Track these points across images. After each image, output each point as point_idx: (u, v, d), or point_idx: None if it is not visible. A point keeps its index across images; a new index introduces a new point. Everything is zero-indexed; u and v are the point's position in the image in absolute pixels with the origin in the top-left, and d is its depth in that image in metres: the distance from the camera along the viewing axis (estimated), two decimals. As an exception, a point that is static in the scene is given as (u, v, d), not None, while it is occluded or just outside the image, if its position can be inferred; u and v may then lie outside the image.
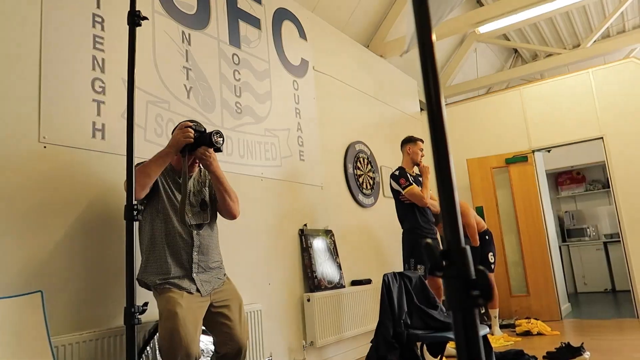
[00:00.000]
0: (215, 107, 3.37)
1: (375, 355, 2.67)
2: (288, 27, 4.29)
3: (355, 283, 4.27)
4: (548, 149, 6.02)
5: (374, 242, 4.83)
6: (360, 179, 4.84)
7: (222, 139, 2.23)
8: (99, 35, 2.68)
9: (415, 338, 2.50)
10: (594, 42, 6.82)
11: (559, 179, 9.19)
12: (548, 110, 5.81)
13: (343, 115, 4.80)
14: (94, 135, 2.55)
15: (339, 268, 4.11)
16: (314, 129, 4.33)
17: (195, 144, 2.23)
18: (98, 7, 2.70)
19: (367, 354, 2.88)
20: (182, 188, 2.18)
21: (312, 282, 3.76)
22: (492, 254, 4.80)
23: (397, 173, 4.01)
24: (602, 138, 5.44)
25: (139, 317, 1.51)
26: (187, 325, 2.01)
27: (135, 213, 1.60)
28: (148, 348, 2.41)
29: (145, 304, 1.54)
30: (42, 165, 2.28)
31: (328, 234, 4.15)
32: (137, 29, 1.79)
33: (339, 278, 4.06)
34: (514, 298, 5.65)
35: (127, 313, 1.49)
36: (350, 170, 4.71)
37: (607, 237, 8.30)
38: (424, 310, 2.73)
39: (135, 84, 2.82)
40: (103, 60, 2.68)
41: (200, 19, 3.40)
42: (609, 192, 5.46)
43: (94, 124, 2.56)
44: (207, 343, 2.46)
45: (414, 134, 4.49)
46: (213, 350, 2.33)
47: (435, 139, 0.52)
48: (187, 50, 3.25)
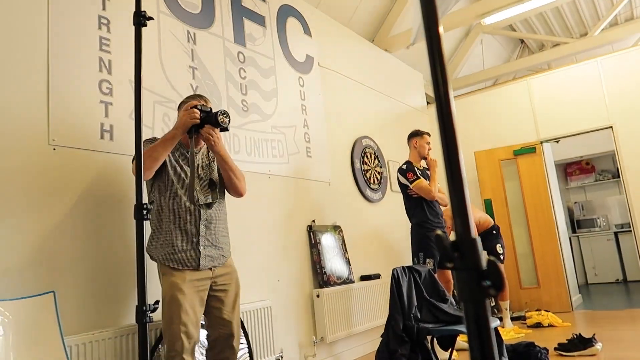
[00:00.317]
0: (222, 105, 3.38)
1: (386, 350, 2.68)
2: (292, 23, 4.29)
3: (365, 278, 4.28)
4: (557, 140, 5.98)
5: (383, 236, 4.84)
6: (368, 174, 4.84)
7: (228, 119, 2.22)
8: (105, 37, 2.69)
9: (426, 332, 2.50)
10: (602, 30, 6.74)
11: (568, 170, 9.13)
12: (556, 101, 5.77)
13: (349, 111, 4.79)
14: (102, 137, 2.57)
15: (348, 263, 4.11)
16: (321, 125, 4.33)
17: (201, 123, 2.23)
18: (104, 9, 2.71)
19: (377, 349, 2.89)
20: (190, 168, 2.21)
21: (321, 277, 3.77)
22: (500, 246, 4.80)
23: (404, 167, 4.00)
24: (611, 127, 5.39)
25: (151, 315, 1.52)
26: (187, 312, 2.08)
27: (145, 212, 1.61)
28: (160, 346, 2.43)
29: (157, 302, 1.56)
30: (52, 167, 2.30)
31: (336, 230, 4.15)
32: (144, 30, 1.80)
33: (348, 273, 4.07)
34: (524, 290, 5.63)
35: (138, 311, 1.51)
36: (358, 166, 4.71)
37: (617, 227, 8.23)
38: (434, 304, 2.73)
39: (143, 85, 2.85)
40: (110, 62, 2.70)
41: (205, 18, 3.41)
42: (619, 181, 5.41)
43: (102, 125, 2.58)
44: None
45: (421, 128, 4.48)
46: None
47: (445, 132, 0.52)
48: (192, 50, 3.26)
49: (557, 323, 4.63)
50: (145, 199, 1.86)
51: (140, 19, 1.75)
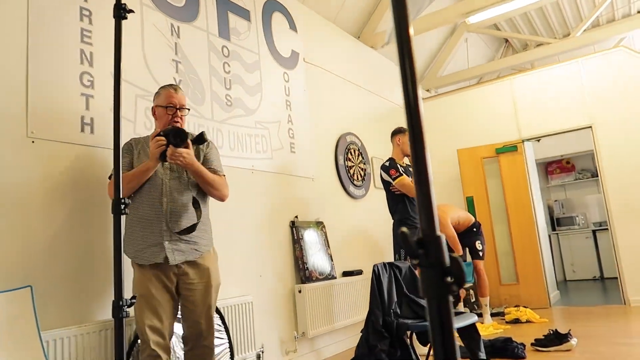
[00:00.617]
0: (205, 99, 3.37)
1: (366, 345, 2.70)
2: (278, 18, 4.27)
3: (347, 274, 4.31)
4: (538, 139, 6.07)
5: (365, 233, 4.87)
6: (351, 171, 4.86)
7: (179, 139, 2.16)
8: (87, 29, 2.66)
9: (405, 327, 2.53)
10: (584, 31, 6.85)
11: (549, 168, 9.27)
12: (538, 100, 5.85)
13: (334, 107, 4.80)
14: (83, 130, 2.54)
15: (330, 259, 4.13)
16: (305, 121, 4.33)
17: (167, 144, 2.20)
18: (86, 0, 2.67)
19: (357, 344, 2.92)
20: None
21: (303, 273, 3.78)
22: (479, 242, 4.87)
23: (387, 164, 4.03)
24: (591, 127, 5.49)
25: (127, 310, 1.52)
26: (150, 307, 2.12)
27: (123, 207, 1.60)
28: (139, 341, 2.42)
29: (133, 297, 1.56)
30: (30, 160, 2.27)
31: (319, 226, 4.17)
32: (126, 22, 1.78)
33: (330, 269, 4.09)
34: (504, 287, 5.71)
35: (115, 306, 1.50)
36: (341, 162, 4.73)
37: (595, 225, 8.39)
38: (414, 300, 2.76)
39: (124, 78, 2.83)
40: (91, 54, 2.66)
41: (189, 12, 3.38)
42: (598, 180, 5.51)
43: (83, 118, 2.56)
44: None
45: (404, 125, 4.50)
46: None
47: (413, 132, 0.53)
48: (176, 43, 3.23)
49: (534, 319, 4.71)
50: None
51: (121, 12, 1.73)
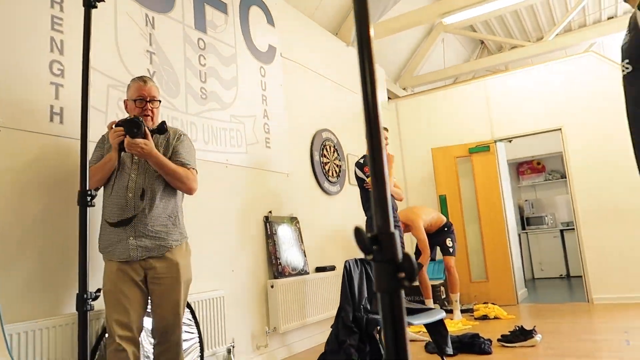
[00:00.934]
0: (180, 92, 3.33)
1: (335, 340, 2.73)
2: (255, 12, 4.25)
3: (320, 270, 4.33)
4: (510, 139, 6.19)
5: (340, 229, 4.90)
6: (327, 167, 4.87)
7: (135, 129, 2.13)
8: (58, 16, 2.60)
9: (375, 323, 2.56)
10: (556, 35, 7.01)
11: (520, 169, 9.47)
12: (511, 101, 5.96)
13: (310, 103, 4.81)
14: (52, 119, 2.49)
15: (304, 255, 4.15)
16: (281, 116, 4.33)
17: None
18: (56, -14, 2.61)
19: (327, 339, 2.94)
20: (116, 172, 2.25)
21: (276, 268, 3.79)
22: (450, 240, 4.98)
23: (361, 161, 4.06)
24: (560, 129, 5.63)
25: (92, 303, 1.50)
26: (117, 301, 2.12)
27: (89, 199, 1.58)
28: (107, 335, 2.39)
29: (98, 291, 1.54)
30: (-4, 149, 2.21)
31: (293, 221, 4.18)
32: (99, 11, 1.76)
33: (303, 265, 4.10)
34: (474, 284, 5.83)
35: (79, 299, 1.48)
36: (317, 158, 4.74)
37: (563, 225, 8.62)
38: (384, 296, 2.80)
39: (96, 67, 2.78)
40: (62, 42, 2.61)
41: (165, 2, 3.34)
42: (567, 181, 5.66)
43: (52, 108, 2.50)
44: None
45: (382, 122, 4.54)
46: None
47: (370, 132, 0.55)
48: (150, 34, 3.19)
49: (502, 315, 4.83)
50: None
51: (90, 0, 1.70)
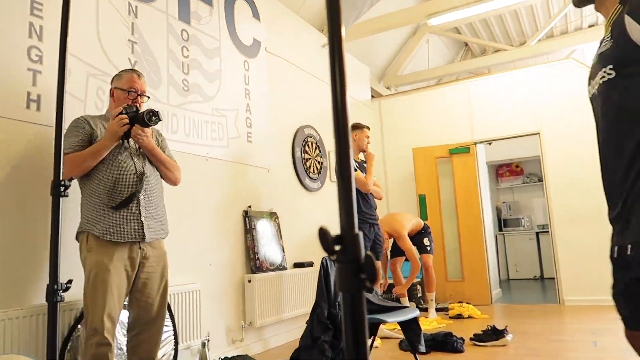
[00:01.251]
0: (162, 83, 3.30)
1: (310, 336, 2.75)
2: (241, 5, 4.22)
3: (298, 265, 4.34)
4: (489, 142, 6.28)
5: (319, 225, 4.89)
6: (308, 163, 4.88)
7: (155, 117, 2.21)
8: (38, 1, 2.56)
9: (350, 319, 2.59)
10: (539, 40, 7.12)
11: (499, 171, 9.61)
12: (492, 104, 6.04)
13: (293, 99, 4.80)
14: (29, 106, 2.45)
15: (282, 250, 4.16)
16: (264, 111, 4.32)
17: (130, 125, 2.22)
18: (36, -30, 2.56)
19: (302, 335, 2.96)
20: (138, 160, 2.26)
21: (253, 263, 3.79)
22: (427, 239, 5.05)
23: (343, 159, 4.07)
24: (539, 134, 5.73)
25: (62, 294, 1.49)
26: (113, 293, 2.06)
27: (63, 189, 1.56)
28: (79, 326, 2.37)
29: (70, 282, 1.53)
30: (-31, 135, 2.17)
31: (272, 217, 4.18)
32: (77, -2, 1.72)
33: (282, 260, 4.11)
34: (450, 283, 5.91)
35: (49, 290, 1.47)
36: (298, 154, 4.74)
37: (539, 227, 8.78)
38: (360, 293, 2.82)
39: (76, 55, 2.74)
40: (41, 28, 2.56)
41: (148, -9, 3.29)
42: (543, 185, 5.77)
43: (29, 94, 2.46)
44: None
45: (364, 121, 4.58)
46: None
47: (338, 135, 0.56)
48: (133, 23, 3.15)
49: (476, 315, 4.91)
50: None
51: (71, -13, 1.67)
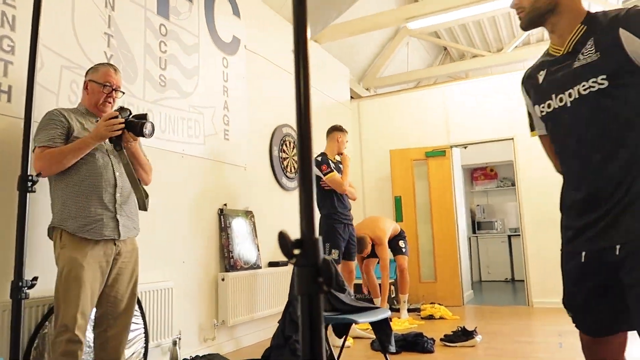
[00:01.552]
0: (138, 78, 3.26)
1: (281, 335, 2.76)
2: (221, 2, 4.20)
3: (273, 265, 4.34)
4: (465, 146, 6.38)
5: (295, 224, 4.91)
6: (285, 162, 4.89)
7: (152, 130, 2.22)
8: (10, -10, 2.50)
9: (321, 319, 2.60)
10: (515, 47, 7.26)
11: (474, 174, 9.77)
12: (468, 109, 6.14)
13: (272, 97, 4.80)
14: (-2, 98, 2.39)
15: (257, 249, 4.15)
16: (242, 109, 4.30)
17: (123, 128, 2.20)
18: (9, -41, 2.51)
19: (273, 334, 2.97)
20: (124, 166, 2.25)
21: (228, 262, 3.78)
22: (402, 242, 5.10)
23: (319, 159, 4.09)
24: (512, 139, 5.84)
25: (27, 291, 1.46)
26: (86, 290, 2.04)
27: (30, 184, 1.54)
28: (47, 322, 2.33)
29: (35, 279, 1.50)
30: None
31: (248, 215, 4.17)
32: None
33: (256, 259, 4.10)
34: (423, 284, 5.99)
35: (14, 287, 1.44)
36: (276, 153, 4.74)
37: (512, 231, 8.97)
38: (332, 293, 2.84)
39: (50, 47, 2.69)
40: (14, 17, 2.51)
41: (126, -16, 3.25)
42: (515, 189, 5.89)
43: (0, 85, 2.41)
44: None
45: (343, 122, 4.61)
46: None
47: (301, 139, 0.57)
48: (110, 16, 3.11)
49: (447, 316, 4.99)
50: (32, 171, 1.77)
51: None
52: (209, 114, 3.89)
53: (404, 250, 5.10)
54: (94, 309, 2.24)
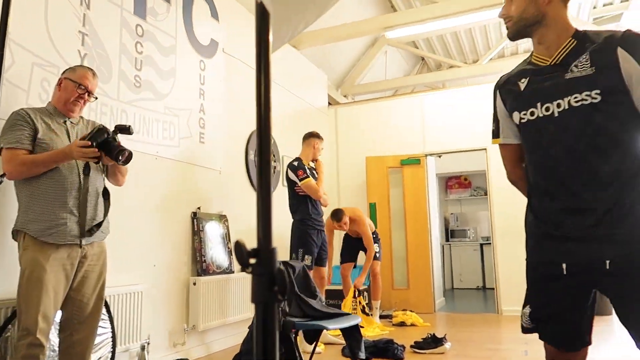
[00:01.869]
0: (112, 78, 3.22)
1: (251, 341, 2.74)
2: (200, 4, 4.18)
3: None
4: (439, 155, 6.47)
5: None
6: (261, 167, 4.87)
7: (129, 158, 2.18)
8: (-20, -15, 2.44)
9: (291, 325, 2.61)
10: (490, 59, 7.41)
11: (449, 183, 9.91)
12: (443, 118, 6.23)
13: (250, 101, 4.78)
14: (-35, 94, 2.33)
15: (230, 253, 4.13)
16: (218, 112, 4.28)
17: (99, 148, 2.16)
18: (-19, -47, 2.45)
19: (243, 339, 2.95)
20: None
21: (200, 266, 3.74)
22: (377, 245, 5.14)
23: (295, 164, 4.09)
24: (485, 149, 5.95)
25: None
26: (48, 293, 2.00)
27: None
28: (10, 326, 2.27)
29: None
30: None
31: (222, 219, 4.14)
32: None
33: (229, 263, 4.08)
34: (395, 291, 6.04)
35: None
36: (252, 157, 4.73)
37: (484, 239, 9.11)
38: (303, 299, 2.85)
39: (21, 43, 2.64)
40: (-17, 12, 2.45)
41: (102, -17, 3.21)
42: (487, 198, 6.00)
43: (-34, 82, 2.34)
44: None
45: (320, 127, 4.63)
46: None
47: (260, 146, 0.58)
48: (84, 15, 3.06)
49: (418, 323, 5.03)
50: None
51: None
52: (185, 117, 3.87)
53: (378, 256, 5.14)
54: (59, 313, 2.19)
